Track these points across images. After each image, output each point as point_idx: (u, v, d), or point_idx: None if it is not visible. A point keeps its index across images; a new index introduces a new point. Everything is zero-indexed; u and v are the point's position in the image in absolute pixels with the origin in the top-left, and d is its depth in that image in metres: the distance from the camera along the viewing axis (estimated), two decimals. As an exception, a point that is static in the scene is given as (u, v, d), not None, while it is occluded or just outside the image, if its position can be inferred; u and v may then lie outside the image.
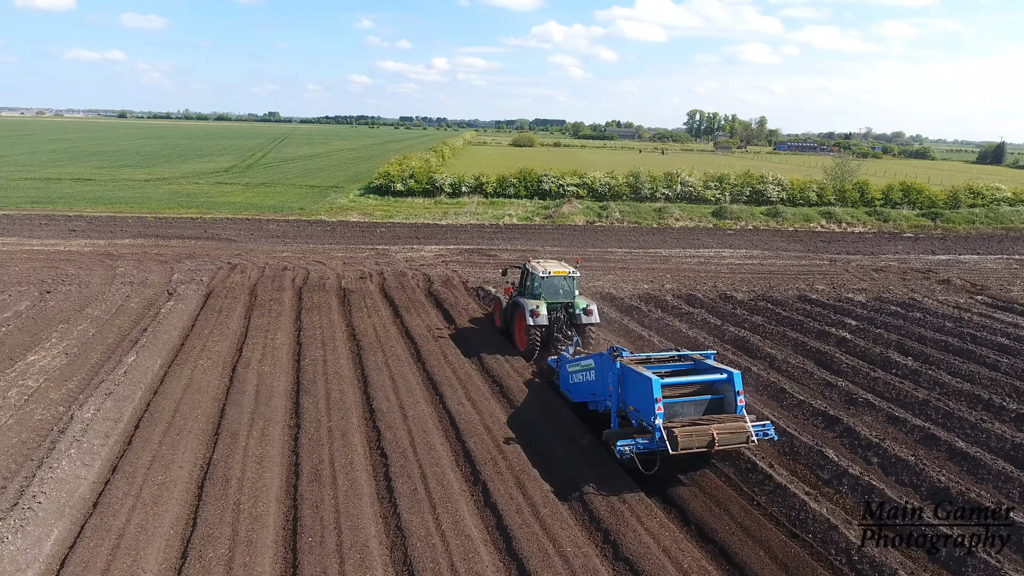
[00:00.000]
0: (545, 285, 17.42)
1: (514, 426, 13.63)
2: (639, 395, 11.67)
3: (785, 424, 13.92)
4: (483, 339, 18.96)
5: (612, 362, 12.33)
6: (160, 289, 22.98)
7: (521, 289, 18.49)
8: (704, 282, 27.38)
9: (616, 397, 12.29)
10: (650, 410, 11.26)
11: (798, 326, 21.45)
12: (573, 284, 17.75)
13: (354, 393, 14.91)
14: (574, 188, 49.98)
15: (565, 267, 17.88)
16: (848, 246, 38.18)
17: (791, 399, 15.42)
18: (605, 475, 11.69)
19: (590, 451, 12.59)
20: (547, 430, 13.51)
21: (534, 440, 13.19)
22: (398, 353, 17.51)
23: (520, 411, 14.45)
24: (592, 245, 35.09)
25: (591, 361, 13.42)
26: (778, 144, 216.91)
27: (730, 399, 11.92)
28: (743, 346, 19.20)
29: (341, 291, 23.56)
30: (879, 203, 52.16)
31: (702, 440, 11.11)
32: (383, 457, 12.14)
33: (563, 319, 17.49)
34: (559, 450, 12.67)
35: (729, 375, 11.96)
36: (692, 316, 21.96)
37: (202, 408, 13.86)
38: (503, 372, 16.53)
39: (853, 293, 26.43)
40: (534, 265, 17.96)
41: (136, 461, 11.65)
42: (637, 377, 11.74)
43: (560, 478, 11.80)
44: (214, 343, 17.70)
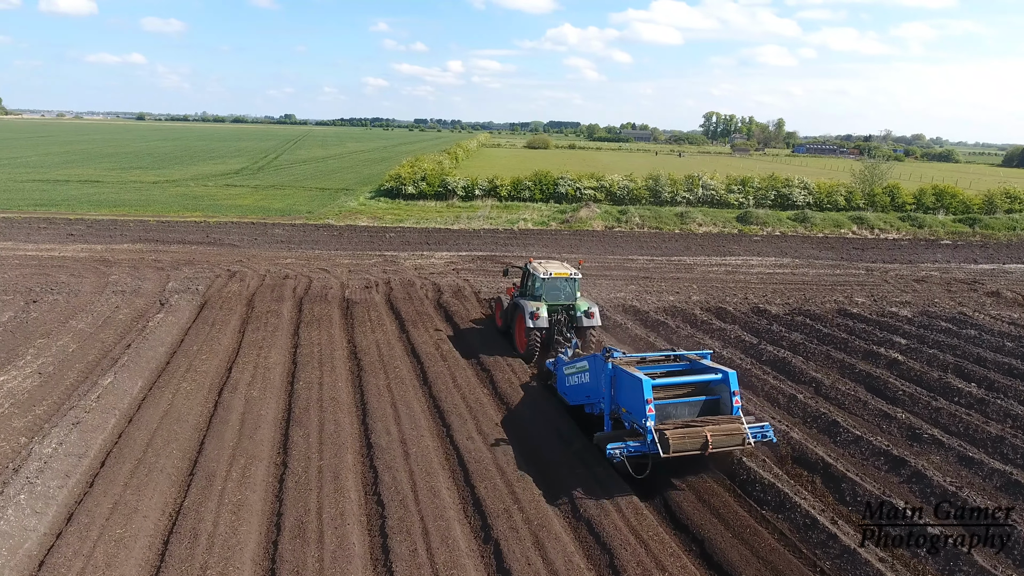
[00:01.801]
0: (546, 286, 17.07)
1: (528, 461, 11.93)
2: (630, 396, 11.39)
3: (844, 467, 12.05)
4: (496, 358, 17.26)
5: (604, 363, 12.03)
6: (152, 299, 21.55)
7: (522, 290, 18.20)
8: (733, 293, 25.47)
9: (609, 399, 12.06)
10: (641, 412, 10.97)
11: (842, 345, 19.51)
12: (575, 286, 17.41)
13: (351, 423, 13.28)
14: (591, 191, 48.19)
15: (567, 268, 17.50)
16: (883, 254, 36.01)
17: (846, 434, 13.54)
18: (645, 531, 9.94)
19: (612, 485, 10.86)
20: (564, 467, 11.78)
21: (550, 477, 11.49)
22: (402, 375, 15.86)
23: (534, 443, 12.72)
24: (612, 252, 33.28)
25: (585, 363, 13.09)
26: (796, 146, 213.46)
27: (726, 400, 11.60)
28: (784, 368, 17.33)
29: (344, 302, 21.98)
30: (910, 208, 49.87)
31: (695, 442, 10.74)
32: (380, 506, 10.47)
33: (564, 321, 17.15)
34: (578, 490, 10.92)
35: (724, 375, 11.63)
36: (724, 333, 20.10)
37: (179, 441, 12.28)
38: (518, 397, 14.83)
39: (896, 307, 24.39)
40: (535, 266, 17.62)
41: (95, 509, 10.08)
42: (628, 378, 11.43)
43: (583, 532, 10.07)
44: (202, 362, 16.16)
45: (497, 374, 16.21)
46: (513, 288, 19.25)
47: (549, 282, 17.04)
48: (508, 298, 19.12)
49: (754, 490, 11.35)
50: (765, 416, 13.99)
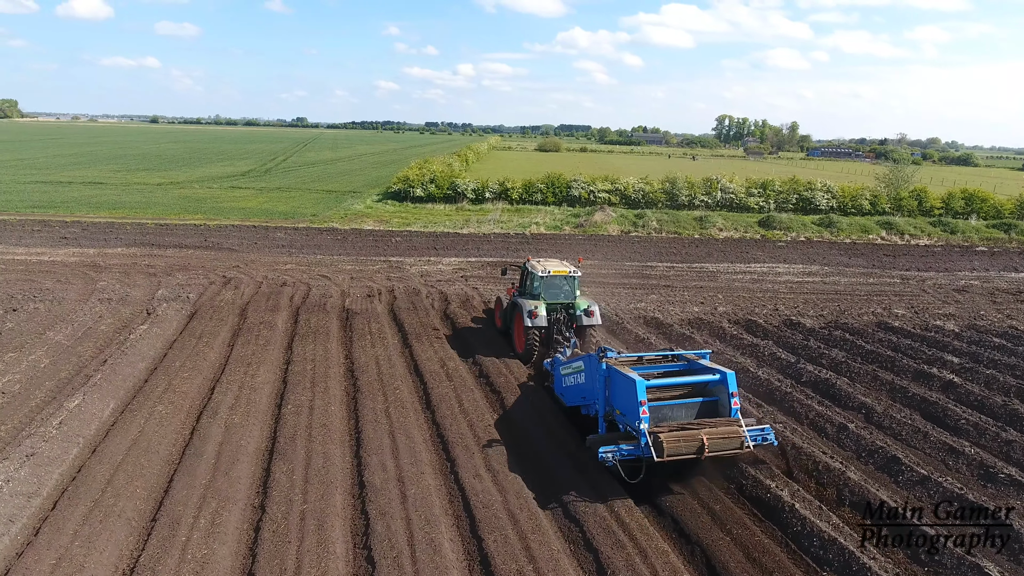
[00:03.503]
0: (545, 285, 16.67)
1: (545, 497, 10.29)
2: (624, 397, 11.00)
3: (917, 517, 10.28)
4: (508, 378, 15.63)
5: (599, 363, 11.63)
6: (139, 308, 20.11)
7: (522, 289, 17.80)
8: (762, 304, 23.68)
9: (603, 400, 11.66)
10: (635, 413, 10.57)
11: (888, 364, 17.70)
12: (574, 284, 17.03)
13: (342, 456, 11.69)
14: (606, 194, 46.53)
15: (566, 266, 17.14)
16: (916, 261, 34.02)
17: (910, 473, 11.76)
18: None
19: (650, 550, 9.17)
20: (594, 518, 10.10)
21: (570, 529, 9.84)
22: (402, 397, 14.25)
23: (556, 487, 11.06)
24: (629, 258, 31.55)
25: (581, 363, 12.69)
26: (811, 150, 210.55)
27: (724, 401, 11.23)
28: (828, 391, 15.56)
29: (344, 312, 20.44)
30: (938, 212, 47.83)
31: (690, 446, 10.37)
32: (370, 564, 8.85)
33: (563, 320, 16.72)
34: (607, 544, 9.26)
35: (722, 376, 11.26)
36: (757, 349, 18.35)
37: (145, 478, 10.74)
38: (532, 423, 13.18)
39: (940, 320, 22.51)
40: (534, 264, 17.25)
41: (35, 566, 8.54)
42: (622, 378, 11.05)
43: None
44: (182, 381, 14.65)
45: (508, 396, 14.57)
46: (513, 288, 18.77)
47: (548, 280, 16.66)
48: (508, 298, 18.65)
49: (812, 545, 9.62)
50: (815, 450, 12.27)
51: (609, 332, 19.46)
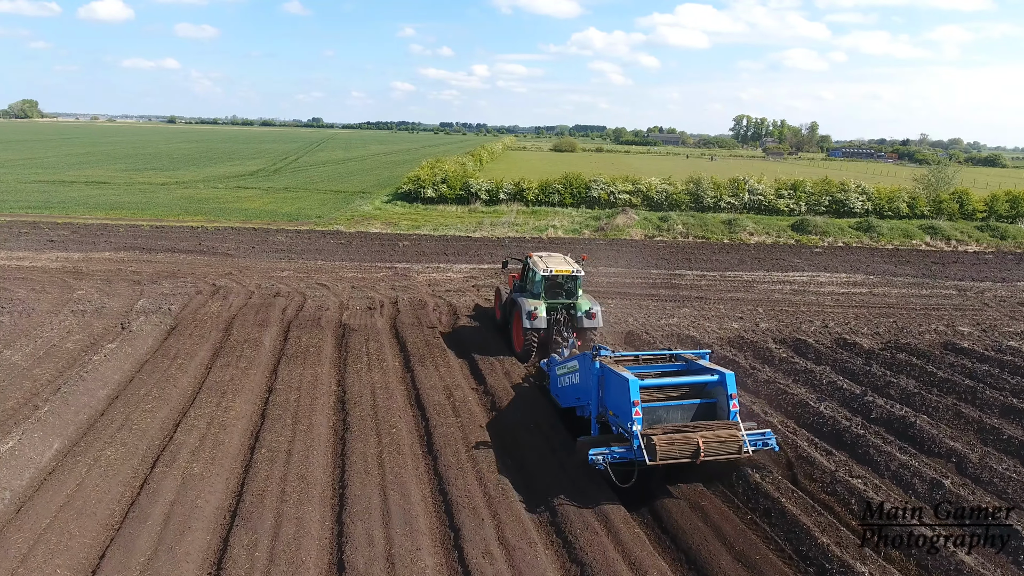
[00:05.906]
0: (546, 284, 16.11)
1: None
2: (617, 398, 10.61)
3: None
4: (527, 413, 13.32)
5: (592, 361, 11.28)
6: (114, 321, 18.07)
7: (522, 283, 17.34)
8: (809, 320, 21.15)
9: (596, 400, 11.31)
10: (627, 414, 10.17)
11: (968, 396, 15.14)
12: (577, 283, 16.40)
13: (320, 524, 9.43)
14: (627, 196, 44.08)
15: (569, 264, 16.48)
16: (969, 269, 31.22)
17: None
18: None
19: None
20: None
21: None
22: (399, 438, 11.98)
23: (579, 561, 8.73)
24: (655, 265, 29.11)
25: (576, 363, 12.30)
26: (831, 150, 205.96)
27: (722, 403, 10.76)
28: (907, 433, 13.04)
29: (340, 328, 18.24)
30: (981, 215, 44.84)
31: (685, 449, 9.87)
32: None
33: (563, 321, 16.12)
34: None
35: (721, 376, 10.83)
36: (813, 376, 15.87)
37: (69, 553, 8.55)
38: (556, 482, 10.85)
39: (1015, 340, 19.83)
40: (535, 260, 16.65)
41: None
42: (615, 378, 10.66)
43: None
44: (143, 415, 12.50)
45: (524, 437, 12.26)
46: (513, 278, 18.32)
47: (549, 279, 16.09)
48: (507, 289, 18.13)
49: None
50: (910, 518, 9.82)
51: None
